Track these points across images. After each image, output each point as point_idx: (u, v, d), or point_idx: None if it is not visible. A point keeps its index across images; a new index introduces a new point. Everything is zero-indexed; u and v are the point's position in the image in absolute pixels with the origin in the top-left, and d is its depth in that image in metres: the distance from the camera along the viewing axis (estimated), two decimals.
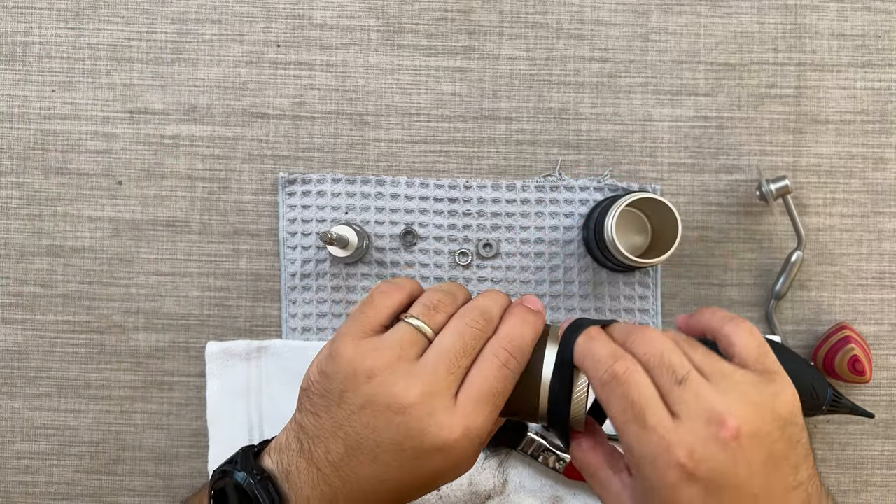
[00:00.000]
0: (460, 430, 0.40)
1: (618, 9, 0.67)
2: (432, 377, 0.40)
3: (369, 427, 0.40)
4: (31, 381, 0.66)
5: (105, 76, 0.66)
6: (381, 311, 0.43)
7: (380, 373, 0.40)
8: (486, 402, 0.41)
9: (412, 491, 0.42)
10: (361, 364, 0.40)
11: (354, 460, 0.41)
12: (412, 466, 0.40)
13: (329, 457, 0.41)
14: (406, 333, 0.42)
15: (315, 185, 0.66)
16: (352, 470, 0.41)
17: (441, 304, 0.43)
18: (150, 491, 0.66)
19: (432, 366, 0.40)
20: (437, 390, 0.40)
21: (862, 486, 0.67)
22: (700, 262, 0.67)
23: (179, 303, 0.66)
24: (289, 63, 0.67)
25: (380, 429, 0.40)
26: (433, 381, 0.40)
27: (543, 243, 0.67)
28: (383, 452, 0.40)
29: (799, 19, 0.67)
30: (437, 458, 0.40)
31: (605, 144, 0.67)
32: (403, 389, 0.39)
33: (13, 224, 0.66)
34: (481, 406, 0.40)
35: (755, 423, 0.37)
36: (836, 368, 0.64)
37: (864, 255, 0.67)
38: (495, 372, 0.41)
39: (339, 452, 0.41)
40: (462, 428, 0.40)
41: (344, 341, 0.42)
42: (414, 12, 0.67)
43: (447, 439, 0.39)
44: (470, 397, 0.40)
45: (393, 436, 0.40)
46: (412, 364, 0.41)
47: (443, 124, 0.67)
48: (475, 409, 0.40)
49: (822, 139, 0.67)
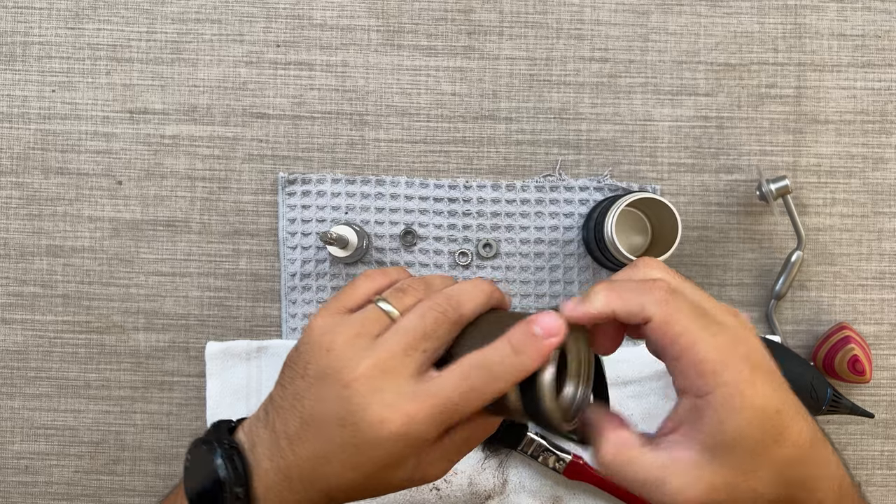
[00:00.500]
0: (402, 415, 0.38)
1: (618, 9, 0.67)
2: (385, 354, 0.39)
3: (320, 399, 0.40)
4: (31, 381, 0.66)
5: (105, 76, 0.66)
6: (359, 293, 0.43)
7: (337, 346, 0.40)
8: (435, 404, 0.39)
9: (356, 479, 0.40)
10: (323, 337, 0.41)
11: (305, 434, 0.40)
12: (352, 448, 0.39)
13: (287, 429, 0.41)
14: (371, 312, 0.42)
15: (315, 185, 0.66)
16: (303, 444, 0.41)
17: (411, 288, 0.43)
18: (150, 491, 0.66)
19: (388, 344, 0.40)
20: (389, 368, 0.39)
21: (862, 486, 0.67)
22: (700, 262, 0.67)
23: (179, 303, 0.66)
24: (289, 63, 0.67)
25: (327, 401, 0.39)
26: (386, 359, 0.39)
27: (543, 243, 0.67)
28: (327, 427, 0.39)
29: (799, 19, 0.67)
30: (376, 440, 0.38)
31: (605, 144, 0.67)
32: (353, 363, 0.39)
33: (13, 224, 0.66)
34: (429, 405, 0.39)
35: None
36: (836, 368, 0.64)
37: (864, 255, 0.67)
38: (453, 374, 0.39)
39: (295, 425, 0.41)
40: (404, 415, 0.38)
41: (317, 316, 0.42)
42: (414, 12, 0.67)
43: (387, 419, 0.38)
44: (424, 390, 0.39)
45: (337, 409, 0.39)
46: (369, 341, 0.40)
47: (443, 124, 0.67)
48: (423, 404, 0.39)
49: (822, 139, 0.67)
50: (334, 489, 0.41)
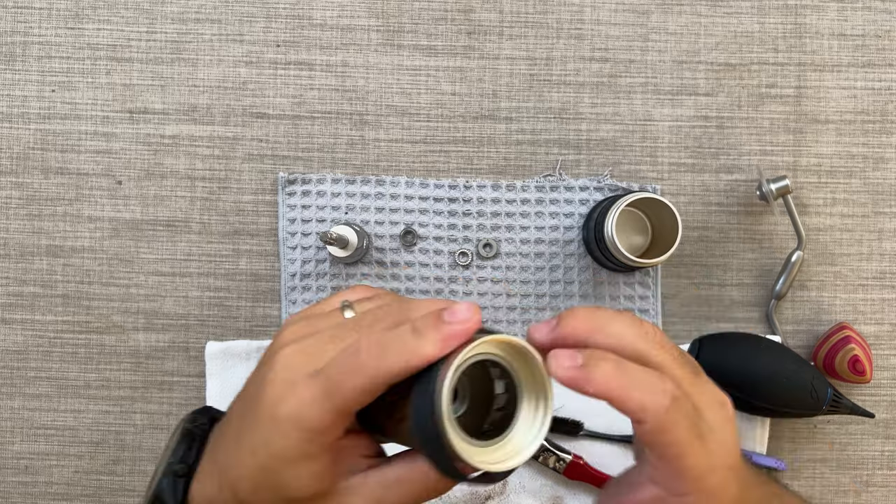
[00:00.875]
0: (294, 400, 0.35)
1: (618, 9, 0.67)
2: (304, 345, 0.37)
3: (251, 381, 0.40)
4: (31, 381, 0.66)
5: (105, 76, 0.66)
6: (330, 301, 0.42)
7: (284, 335, 0.39)
8: (319, 387, 0.35)
9: (254, 469, 0.37)
10: (281, 333, 0.40)
11: (231, 414, 0.41)
12: (253, 426, 0.37)
13: (229, 415, 0.42)
14: (328, 314, 0.40)
15: (315, 185, 0.66)
16: (229, 426, 0.40)
17: (382, 299, 0.41)
18: None
19: (315, 338, 0.38)
20: (302, 359, 0.37)
21: (862, 486, 0.67)
22: (700, 262, 0.67)
23: (179, 303, 0.66)
24: (289, 63, 0.67)
25: (255, 384, 0.38)
26: (302, 350, 0.37)
27: (543, 243, 0.66)
28: (243, 404, 0.39)
29: (799, 19, 0.67)
30: (271, 419, 0.36)
31: (605, 144, 0.67)
32: (281, 350, 0.38)
33: (13, 224, 0.66)
34: (314, 389, 0.35)
35: None
36: (837, 368, 0.64)
37: (865, 255, 0.67)
38: (339, 356, 0.36)
39: (236, 408, 0.41)
40: (296, 399, 0.35)
41: (287, 319, 0.42)
42: (414, 12, 0.67)
43: (283, 398, 0.35)
44: (313, 377, 0.36)
45: (255, 390, 0.37)
46: (308, 334, 0.38)
47: (443, 124, 0.67)
48: (309, 390, 0.35)
49: (822, 139, 0.67)
50: (236, 481, 0.38)
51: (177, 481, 0.41)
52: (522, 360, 0.35)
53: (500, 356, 0.35)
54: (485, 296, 0.66)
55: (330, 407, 0.35)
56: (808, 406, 0.62)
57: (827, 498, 0.67)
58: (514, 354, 0.35)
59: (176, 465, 0.41)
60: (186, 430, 0.43)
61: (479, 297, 0.66)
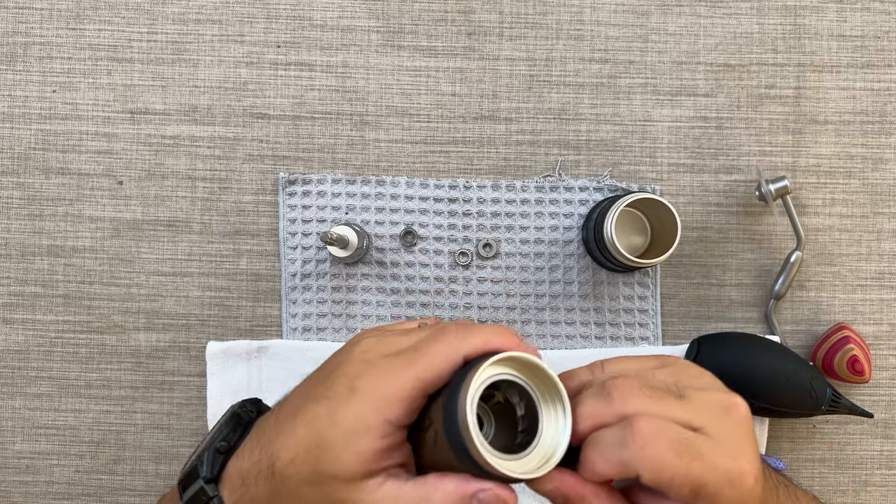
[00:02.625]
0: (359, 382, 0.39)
1: (617, 9, 0.67)
2: (384, 339, 0.41)
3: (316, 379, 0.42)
4: (32, 380, 0.67)
5: (106, 76, 0.67)
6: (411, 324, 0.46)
7: (367, 340, 0.42)
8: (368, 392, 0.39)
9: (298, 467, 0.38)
10: (361, 336, 0.43)
11: (293, 394, 0.43)
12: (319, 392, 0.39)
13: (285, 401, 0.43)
14: (408, 327, 0.44)
15: (315, 185, 0.66)
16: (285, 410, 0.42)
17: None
18: (150, 491, 0.66)
19: (395, 334, 0.41)
20: (380, 349, 0.40)
21: (861, 485, 0.67)
22: (699, 262, 0.67)
23: (180, 303, 0.66)
24: (289, 64, 0.67)
25: (329, 367, 0.42)
26: (383, 343, 0.41)
27: (543, 243, 0.67)
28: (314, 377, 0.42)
29: (798, 20, 0.67)
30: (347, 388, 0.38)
31: (604, 145, 0.67)
32: (365, 344, 0.41)
33: (14, 224, 0.66)
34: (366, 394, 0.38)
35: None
36: (836, 368, 0.64)
37: (864, 256, 0.67)
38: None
39: (292, 397, 0.43)
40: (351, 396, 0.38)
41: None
42: (414, 13, 0.67)
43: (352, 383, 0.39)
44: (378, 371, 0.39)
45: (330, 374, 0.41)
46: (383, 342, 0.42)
47: (443, 125, 0.67)
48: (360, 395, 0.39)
49: (821, 140, 0.67)
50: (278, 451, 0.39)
51: (216, 456, 0.42)
52: (530, 371, 0.38)
53: (511, 373, 0.38)
54: (485, 296, 0.66)
55: (412, 376, 0.37)
56: (807, 406, 0.62)
57: (826, 497, 0.67)
58: (522, 369, 0.38)
59: (219, 443, 0.42)
60: (234, 413, 0.45)
61: (479, 297, 0.66)
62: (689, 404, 0.38)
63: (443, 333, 0.38)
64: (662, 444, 0.36)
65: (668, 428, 0.36)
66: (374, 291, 0.66)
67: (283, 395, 0.44)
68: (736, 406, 0.39)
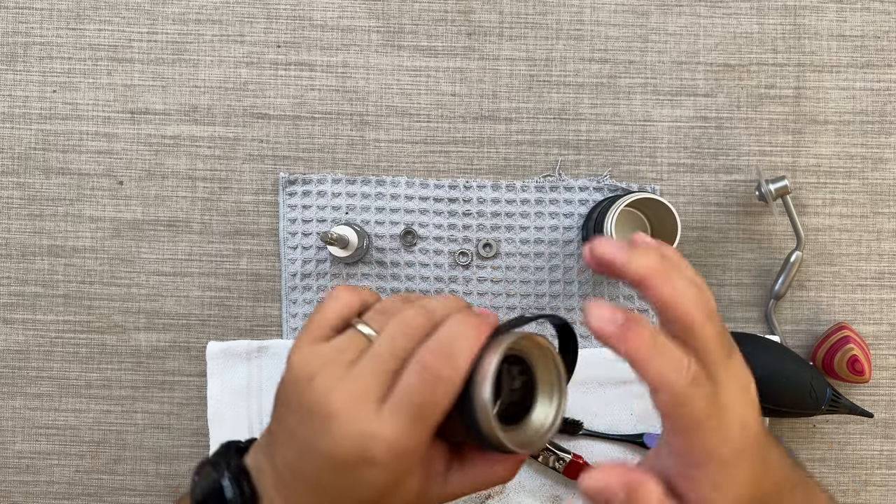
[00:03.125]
0: (383, 442, 0.37)
1: (617, 9, 0.67)
2: (357, 382, 0.38)
3: (310, 434, 0.39)
4: (32, 380, 0.67)
5: (106, 76, 0.67)
6: (330, 315, 0.41)
7: (316, 378, 0.38)
8: (405, 413, 0.37)
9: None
10: (304, 371, 0.39)
11: (306, 468, 0.39)
12: (349, 481, 0.38)
13: (287, 463, 0.40)
14: (350, 338, 0.40)
15: (315, 185, 0.66)
16: (303, 476, 0.40)
17: (393, 309, 0.41)
18: (150, 490, 0.66)
19: (360, 370, 0.38)
20: (361, 396, 0.37)
21: (861, 485, 0.67)
22: (699, 262, 0.67)
23: (180, 303, 0.67)
24: (289, 64, 0.67)
25: (316, 436, 0.38)
26: (357, 387, 0.38)
27: (543, 243, 0.67)
28: (321, 461, 0.38)
29: (798, 20, 0.67)
30: (370, 472, 0.38)
31: (604, 145, 0.67)
32: (331, 395, 0.38)
33: (14, 224, 0.67)
34: (401, 417, 0.37)
35: None
36: (836, 368, 0.64)
37: (864, 255, 0.67)
38: (415, 380, 0.37)
39: (292, 458, 0.40)
40: (384, 441, 0.37)
41: (294, 349, 0.41)
42: (414, 13, 0.67)
43: (369, 451, 0.37)
44: (389, 407, 0.37)
45: (325, 444, 0.38)
46: (345, 369, 0.39)
47: (443, 125, 0.67)
48: (394, 420, 0.37)
49: (821, 139, 0.67)
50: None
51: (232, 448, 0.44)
52: (540, 352, 0.40)
53: (522, 350, 0.40)
54: (485, 296, 0.66)
55: (422, 428, 0.38)
56: (807, 406, 0.62)
57: None
58: (532, 348, 0.40)
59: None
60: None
61: (479, 296, 0.66)
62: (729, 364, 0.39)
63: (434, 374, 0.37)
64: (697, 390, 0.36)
65: (706, 382, 0.37)
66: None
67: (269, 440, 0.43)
68: (751, 387, 0.39)
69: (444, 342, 0.38)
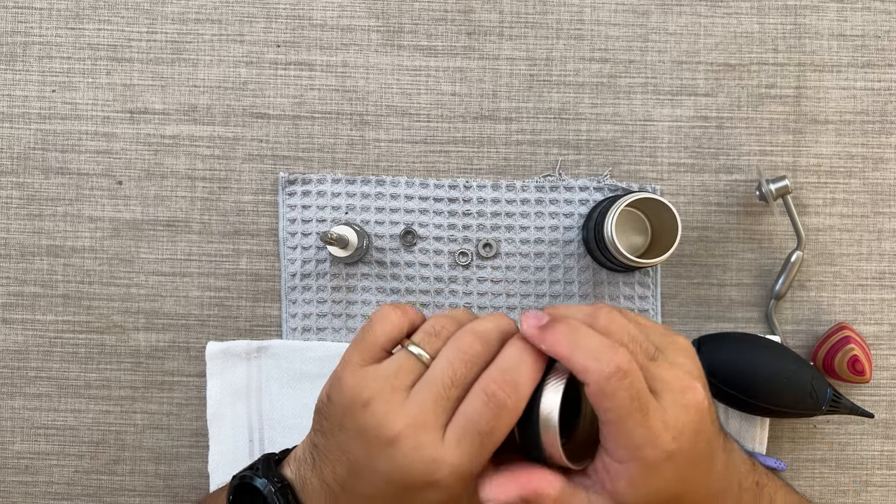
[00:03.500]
0: (447, 468, 0.38)
1: (618, 9, 0.67)
2: (418, 409, 0.39)
3: (365, 455, 0.40)
4: (32, 380, 0.66)
5: (105, 76, 0.66)
6: (380, 337, 0.42)
7: (373, 402, 0.39)
8: (469, 440, 0.38)
9: None
10: (359, 394, 0.40)
11: (358, 485, 0.41)
12: (409, 500, 0.40)
13: (335, 477, 0.41)
14: (403, 361, 0.41)
15: (315, 185, 0.66)
16: (355, 491, 0.41)
17: (444, 330, 0.42)
18: (150, 491, 0.66)
19: (420, 397, 0.39)
20: (423, 423, 0.39)
21: (861, 485, 0.67)
22: (700, 262, 0.67)
23: (179, 303, 0.66)
24: (289, 63, 0.67)
25: (373, 458, 0.39)
26: (419, 413, 0.39)
27: (543, 243, 0.67)
28: (378, 481, 0.40)
29: (799, 19, 0.67)
30: (429, 493, 0.39)
31: (604, 144, 0.67)
32: (392, 421, 0.39)
33: (13, 224, 0.66)
34: (465, 444, 0.38)
35: (704, 384, 0.41)
36: (836, 368, 0.64)
37: (864, 255, 0.67)
38: (479, 408, 0.38)
39: (343, 474, 0.41)
40: (448, 466, 0.38)
41: (346, 369, 0.41)
42: (414, 13, 0.67)
43: (433, 476, 0.38)
44: (454, 434, 0.39)
45: (385, 467, 0.39)
46: (404, 394, 0.40)
47: (443, 124, 0.67)
48: (459, 447, 0.38)
49: (821, 139, 0.67)
50: None
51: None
52: None
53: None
54: (485, 296, 0.66)
55: (482, 454, 0.39)
56: (808, 406, 0.62)
57: (826, 498, 0.67)
58: None
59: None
60: None
61: (479, 296, 0.66)
62: (662, 365, 0.40)
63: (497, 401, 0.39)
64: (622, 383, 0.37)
65: (635, 376, 0.38)
66: (374, 291, 0.66)
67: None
68: (694, 392, 0.39)
69: (507, 371, 0.39)
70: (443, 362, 0.40)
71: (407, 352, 0.41)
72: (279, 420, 0.64)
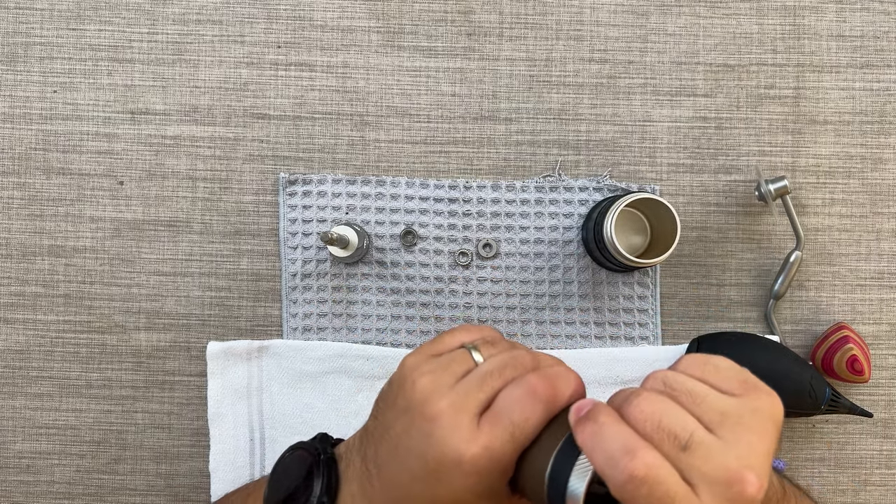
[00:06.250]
0: (476, 448, 0.40)
1: (617, 10, 0.67)
2: (463, 394, 0.41)
3: (405, 431, 0.42)
4: (33, 380, 0.67)
5: (106, 77, 0.67)
6: (449, 342, 0.46)
7: (423, 382, 0.42)
8: (502, 427, 0.40)
9: None
10: (414, 371, 0.43)
11: (392, 463, 0.43)
12: (434, 481, 0.41)
13: (377, 458, 0.44)
14: (458, 355, 0.44)
15: (315, 185, 0.66)
16: (389, 473, 0.43)
17: (501, 343, 0.46)
18: (151, 490, 0.67)
19: (467, 385, 0.42)
20: (463, 406, 0.41)
21: (860, 485, 0.67)
22: (699, 262, 0.67)
23: (181, 303, 0.67)
24: (289, 64, 0.67)
25: (412, 434, 0.41)
26: (462, 398, 0.41)
27: (543, 243, 0.67)
28: (412, 458, 0.41)
29: (798, 20, 0.67)
30: (456, 475, 0.40)
31: (604, 145, 0.67)
32: (436, 400, 0.41)
33: (15, 224, 0.67)
34: (497, 430, 0.40)
35: (768, 466, 0.37)
36: (835, 368, 0.64)
37: (863, 255, 0.67)
38: (518, 397, 0.41)
39: (383, 454, 0.43)
40: (478, 447, 0.40)
41: (411, 355, 0.45)
42: (414, 13, 0.67)
43: (464, 454, 0.40)
44: (488, 419, 0.41)
45: (420, 445, 0.41)
46: (452, 380, 0.42)
47: (443, 125, 0.67)
48: (491, 431, 0.40)
49: (820, 140, 0.67)
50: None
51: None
52: None
53: None
54: (485, 296, 0.67)
55: (515, 446, 0.40)
56: (807, 405, 0.62)
57: (825, 497, 0.67)
58: None
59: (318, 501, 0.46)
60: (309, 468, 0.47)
61: (479, 296, 0.66)
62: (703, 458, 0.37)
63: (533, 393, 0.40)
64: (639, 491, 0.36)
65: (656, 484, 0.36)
66: (374, 291, 0.66)
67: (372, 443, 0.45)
68: (743, 483, 0.36)
69: (550, 377, 0.42)
70: (494, 360, 0.43)
71: (464, 349, 0.45)
72: (280, 419, 0.65)
